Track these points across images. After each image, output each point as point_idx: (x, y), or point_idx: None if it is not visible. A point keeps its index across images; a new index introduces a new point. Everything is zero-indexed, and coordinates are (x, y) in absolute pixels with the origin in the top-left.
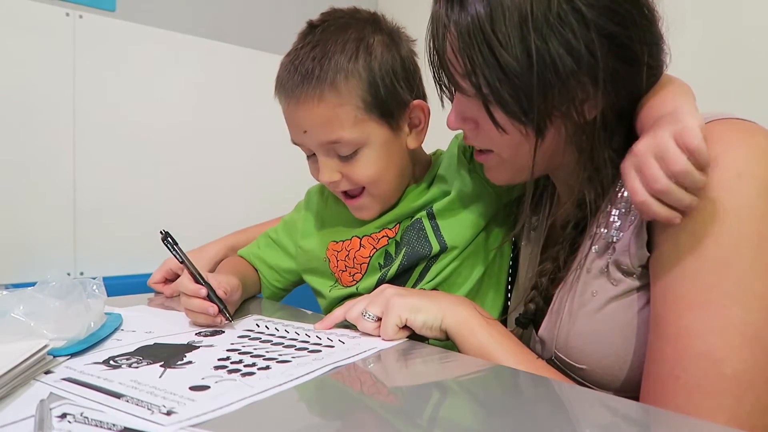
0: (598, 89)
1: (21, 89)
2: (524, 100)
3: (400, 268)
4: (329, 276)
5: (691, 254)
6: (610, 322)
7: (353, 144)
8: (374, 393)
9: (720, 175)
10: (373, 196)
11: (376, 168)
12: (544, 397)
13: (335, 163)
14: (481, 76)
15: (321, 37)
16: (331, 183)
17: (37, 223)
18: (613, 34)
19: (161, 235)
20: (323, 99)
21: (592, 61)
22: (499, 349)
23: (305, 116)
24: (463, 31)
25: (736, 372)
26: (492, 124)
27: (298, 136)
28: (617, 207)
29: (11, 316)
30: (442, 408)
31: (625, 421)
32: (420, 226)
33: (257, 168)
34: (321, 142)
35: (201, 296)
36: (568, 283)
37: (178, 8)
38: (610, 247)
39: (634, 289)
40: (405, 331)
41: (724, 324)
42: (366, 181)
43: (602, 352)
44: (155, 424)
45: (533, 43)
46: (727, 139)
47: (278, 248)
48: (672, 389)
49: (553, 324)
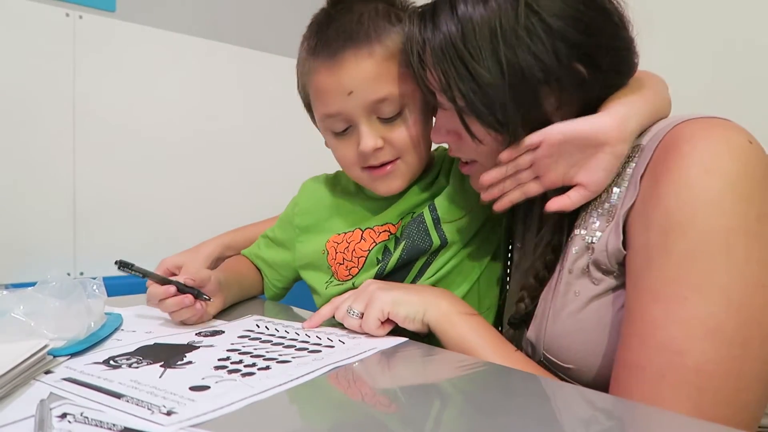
0: (570, 96)
1: (21, 89)
2: (498, 110)
3: (399, 261)
4: (326, 270)
5: (660, 248)
6: (593, 320)
7: (399, 102)
8: (374, 393)
9: (689, 171)
10: (407, 164)
11: (417, 130)
12: (553, 403)
13: (378, 127)
14: (456, 89)
15: (346, 7)
16: (374, 151)
17: (37, 224)
18: (579, 43)
19: (117, 266)
20: (373, 53)
21: (561, 69)
22: (478, 341)
23: (353, 75)
24: (436, 48)
25: (697, 364)
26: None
27: (340, 101)
28: (596, 209)
29: (11, 316)
30: (443, 408)
31: (604, 414)
32: (421, 219)
33: (257, 168)
34: (368, 102)
35: (171, 294)
36: (552, 285)
37: (178, 9)
38: (589, 248)
39: (614, 287)
40: (388, 324)
41: (687, 316)
42: (408, 145)
43: (587, 350)
44: (155, 424)
45: (503, 54)
46: (697, 137)
47: (276, 246)
48: (637, 379)
49: (539, 326)
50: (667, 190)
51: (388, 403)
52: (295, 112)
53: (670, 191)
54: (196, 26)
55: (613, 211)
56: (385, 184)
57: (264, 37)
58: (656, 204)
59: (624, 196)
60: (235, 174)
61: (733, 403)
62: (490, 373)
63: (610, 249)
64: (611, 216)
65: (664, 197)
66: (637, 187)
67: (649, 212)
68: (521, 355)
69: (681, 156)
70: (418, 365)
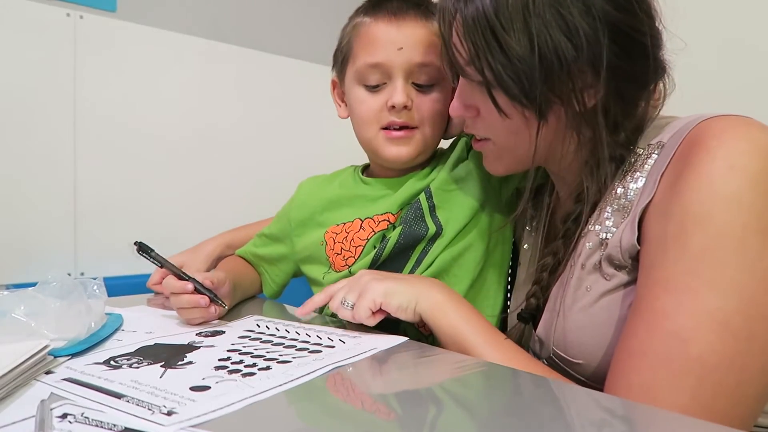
0: (599, 76)
1: (22, 89)
2: (526, 84)
3: (395, 247)
4: (324, 261)
5: (676, 241)
6: (604, 316)
7: (437, 75)
8: (375, 393)
9: (713, 166)
10: (423, 136)
11: (442, 107)
12: (557, 403)
13: (411, 89)
14: (485, 60)
15: None
16: (402, 108)
17: (38, 224)
18: (615, 22)
19: (135, 248)
20: (430, 25)
21: (593, 47)
22: (469, 330)
23: (408, 33)
24: (468, 17)
25: (701, 354)
26: (494, 110)
27: (388, 52)
28: (611, 205)
29: (12, 317)
30: (444, 408)
31: (609, 414)
32: (418, 205)
33: (257, 168)
34: (413, 62)
35: (188, 291)
36: (563, 281)
37: (178, 9)
38: (603, 244)
39: (626, 283)
40: (380, 314)
41: (696, 308)
42: (429, 116)
43: (597, 345)
44: (156, 425)
45: (535, 27)
46: (722, 133)
47: (273, 242)
48: (638, 364)
49: (549, 322)
50: (688, 185)
51: (389, 403)
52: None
53: (692, 185)
54: (196, 26)
55: (628, 206)
56: (397, 149)
57: (264, 37)
58: (676, 197)
59: (641, 192)
60: (235, 173)
61: (732, 396)
62: (491, 373)
63: (624, 244)
64: (627, 212)
65: (685, 191)
66: (656, 184)
67: (669, 205)
68: (511, 344)
69: (707, 151)
70: (418, 365)
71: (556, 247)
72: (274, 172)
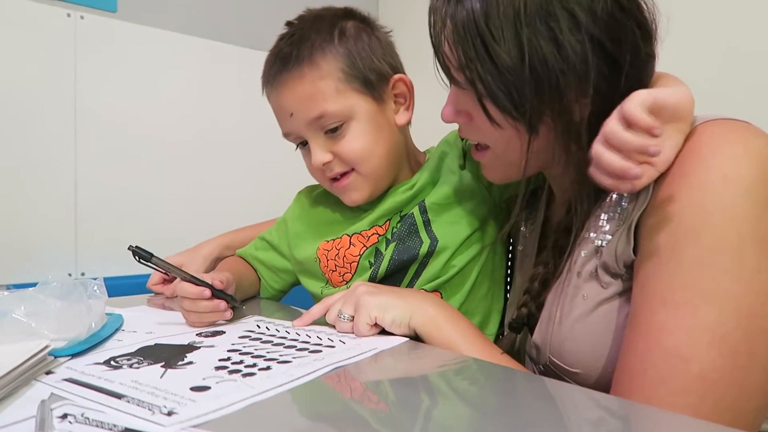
0: (586, 92)
1: (22, 89)
2: (516, 96)
3: (390, 265)
4: (320, 277)
5: (671, 253)
6: (601, 324)
7: (338, 116)
8: (375, 393)
9: (706, 177)
10: (362, 176)
11: (365, 141)
12: (558, 404)
13: (324, 142)
14: (474, 70)
15: (297, 27)
16: (324, 165)
17: (38, 224)
18: (603, 41)
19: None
20: (303, 76)
21: (580, 63)
22: (465, 344)
23: (289, 97)
24: (458, 24)
25: (702, 371)
26: (485, 118)
27: (287, 123)
28: (606, 212)
29: (12, 317)
30: (445, 409)
31: (608, 414)
32: (411, 221)
33: (257, 168)
34: (307, 120)
35: (206, 297)
36: (559, 288)
37: (178, 9)
38: (598, 251)
39: (622, 291)
40: (376, 327)
41: (695, 323)
42: (356, 157)
43: (594, 355)
44: (156, 425)
45: (525, 38)
46: (716, 140)
47: (273, 250)
48: (639, 382)
49: (545, 329)
50: (682, 194)
51: (390, 403)
52: None
53: (686, 195)
54: (196, 26)
55: (624, 214)
56: (348, 195)
57: (264, 37)
58: (670, 206)
59: (636, 199)
60: (235, 174)
61: (733, 411)
62: (492, 374)
63: (620, 252)
64: (622, 219)
65: (678, 200)
66: (650, 191)
67: (662, 215)
68: (507, 358)
69: (700, 159)
70: (418, 365)
71: (547, 257)
72: (275, 172)
